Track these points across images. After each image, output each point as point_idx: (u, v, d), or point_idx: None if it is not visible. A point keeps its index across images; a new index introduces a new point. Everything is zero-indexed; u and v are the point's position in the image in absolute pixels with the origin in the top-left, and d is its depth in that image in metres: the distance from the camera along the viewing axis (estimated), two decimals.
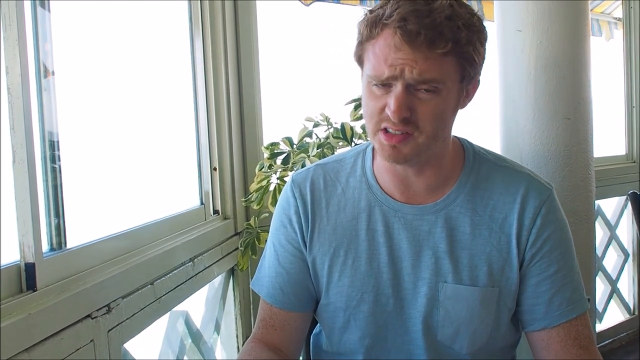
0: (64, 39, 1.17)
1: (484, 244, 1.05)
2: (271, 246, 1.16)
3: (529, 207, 1.05)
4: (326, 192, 1.12)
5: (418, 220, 1.06)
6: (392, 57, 0.92)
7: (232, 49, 1.88)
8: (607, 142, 3.04)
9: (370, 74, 0.95)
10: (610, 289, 3.13)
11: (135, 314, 1.23)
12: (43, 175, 1.10)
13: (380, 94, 0.95)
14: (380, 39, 0.94)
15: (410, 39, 0.90)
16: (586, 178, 1.76)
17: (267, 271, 1.16)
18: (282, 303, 1.13)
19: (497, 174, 1.09)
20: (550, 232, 1.05)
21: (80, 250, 1.15)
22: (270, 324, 1.14)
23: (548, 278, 1.05)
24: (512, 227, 1.05)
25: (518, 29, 1.72)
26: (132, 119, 1.57)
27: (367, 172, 1.11)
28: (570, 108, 1.73)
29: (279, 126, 1.97)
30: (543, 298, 1.05)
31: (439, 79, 0.93)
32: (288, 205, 1.13)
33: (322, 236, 1.10)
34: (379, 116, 0.96)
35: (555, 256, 1.06)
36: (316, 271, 1.11)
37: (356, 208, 1.10)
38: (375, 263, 1.07)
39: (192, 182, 1.81)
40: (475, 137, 1.24)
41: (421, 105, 0.94)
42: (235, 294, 1.90)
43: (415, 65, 0.91)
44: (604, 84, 2.99)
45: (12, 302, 0.91)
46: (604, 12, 3.42)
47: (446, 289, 1.04)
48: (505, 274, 1.05)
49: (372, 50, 0.95)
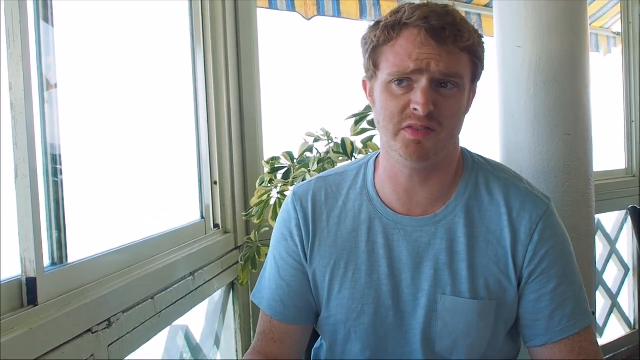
0: (66, 52, 1.18)
1: (481, 256, 1.05)
2: (272, 259, 1.16)
3: (525, 222, 1.05)
4: (327, 205, 1.13)
5: (418, 232, 1.07)
6: (417, 52, 0.95)
7: (233, 63, 1.89)
8: (607, 157, 3.05)
9: (392, 71, 0.98)
10: (610, 303, 3.12)
11: (135, 328, 1.22)
12: (45, 189, 1.10)
13: (402, 93, 0.98)
14: (400, 39, 0.97)
15: (436, 34, 0.95)
16: (586, 194, 1.76)
17: (267, 283, 1.16)
18: (283, 315, 1.13)
19: (494, 185, 1.10)
20: (548, 248, 1.05)
21: (82, 264, 1.15)
22: (270, 337, 1.14)
23: (547, 294, 1.05)
24: (507, 240, 1.05)
25: (517, 45, 1.74)
26: (133, 132, 1.57)
27: (368, 184, 1.12)
28: (570, 123, 1.74)
29: (280, 140, 1.98)
30: (543, 314, 1.05)
31: (461, 73, 0.98)
32: (289, 218, 1.14)
33: (322, 249, 1.11)
34: (400, 115, 0.98)
35: (554, 272, 1.05)
36: (317, 284, 1.11)
37: (356, 220, 1.11)
38: (376, 275, 1.08)
39: (193, 196, 1.81)
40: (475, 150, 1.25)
41: (444, 102, 0.97)
42: (235, 308, 1.89)
43: (440, 59, 0.95)
44: (603, 99, 3.00)
45: (13, 317, 0.91)
46: (602, 26, 3.45)
47: (444, 301, 1.05)
48: (502, 287, 1.05)
49: (391, 51, 0.98)
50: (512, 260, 1.05)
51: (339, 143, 1.73)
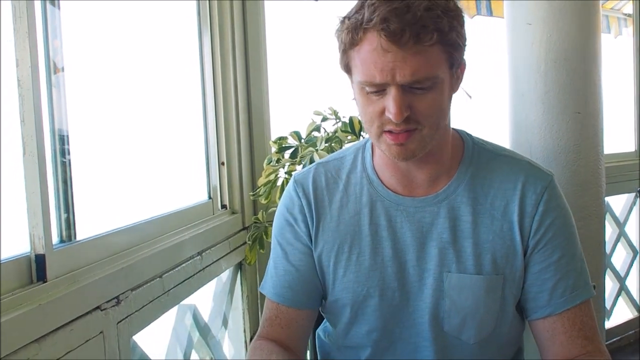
0: (74, 36, 1.18)
1: (486, 232, 1.06)
2: (277, 245, 1.16)
3: (530, 194, 1.06)
4: (328, 190, 1.13)
5: (420, 212, 1.07)
6: (381, 61, 0.91)
7: (239, 44, 1.88)
8: (617, 139, 3.02)
9: (362, 80, 0.95)
10: (618, 286, 3.12)
11: (144, 306, 1.23)
12: (53, 168, 1.11)
13: (377, 98, 0.96)
14: (364, 44, 0.93)
15: (396, 38, 0.89)
16: (596, 172, 1.75)
17: (274, 271, 1.16)
18: (291, 301, 1.13)
19: (497, 162, 1.10)
20: (553, 219, 1.06)
21: (90, 242, 1.15)
22: (277, 323, 1.14)
23: (552, 265, 1.06)
24: (513, 214, 1.06)
25: (528, 23, 1.71)
26: (141, 114, 1.57)
27: (367, 167, 1.12)
28: (581, 102, 1.72)
29: (287, 121, 1.97)
30: (547, 285, 1.06)
31: (431, 73, 0.92)
32: (292, 205, 1.14)
33: (326, 234, 1.11)
34: (379, 120, 0.96)
35: (558, 242, 1.06)
36: (322, 268, 1.12)
37: (358, 204, 1.10)
38: (380, 257, 1.08)
39: (200, 177, 1.81)
40: (484, 132, 1.24)
41: (419, 102, 0.94)
42: (243, 289, 1.90)
43: (405, 65, 0.90)
44: (614, 82, 2.96)
45: (22, 292, 0.92)
46: (613, 8, 3.40)
47: (450, 279, 1.05)
48: (509, 261, 1.06)
49: (358, 57, 0.95)
50: (519, 232, 1.05)
51: (346, 122, 1.72)
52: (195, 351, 1.63)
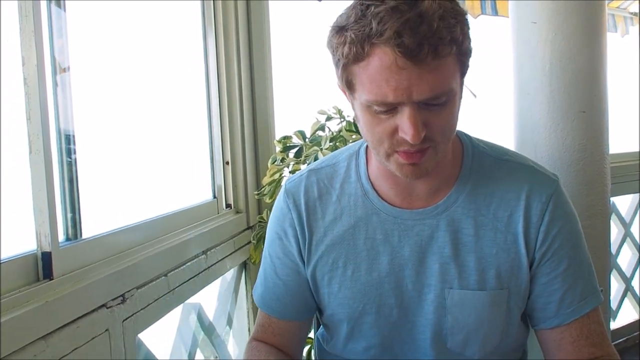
0: (79, 36, 1.18)
1: (490, 245, 1.00)
2: (267, 256, 1.13)
3: (536, 203, 1.00)
4: (321, 202, 1.07)
5: (419, 225, 1.01)
6: (395, 79, 0.82)
7: (244, 43, 1.88)
8: (623, 139, 3.01)
9: (370, 99, 0.85)
10: (624, 287, 3.10)
11: (149, 304, 1.23)
12: (59, 167, 1.11)
13: (386, 117, 0.87)
14: (373, 60, 0.83)
15: (413, 54, 0.80)
16: (601, 171, 1.74)
17: (263, 280, 1.13)
18: (279, 313, 1.11)
19: (499, 169, 1.03)
20: (559, 228, 1.00)
21: (96, 240, 1.15)
22: (270, 331, 1.13)
23: (559, 276, 1.01)
24: (518, 225, 1.00)
25: (533, 21, 1.71)
26: (146, 114, 1.58)
27: (362, 177, 1.06)
28: (586, 101, 1.71)
29: (292, 120, 1.97)
30: (554, 296, 1.01)
31: (448, 87, 0.85)
32: (283, 217, 1.09)
33: (319, 248, 1.06)
34: (390, 140, 0.89)
35: (565, 252, 1.01)
36: (316, 283, 1.08)
37: (353, 217, 1.04)
38: (376, 273, 1.03)
39: (205, 176, 1.81)
40: (489, 131, 1.23)
41: (435, 118, 0.87)
42: (247, 288, 1.90)
43: (421, 82, 0.82)
44: (620, 82, 2.95)
45: (29, 290, 0.92)
46: (619, 7, 3.39)
47: (453, 295, 1.00)
48: (514, 274, 1.01)
49: (364, 74, 0.85)
50: (525, 245, 1.00)
51: (351, 121, 1.72)
52: (200, 350, 1.63)
